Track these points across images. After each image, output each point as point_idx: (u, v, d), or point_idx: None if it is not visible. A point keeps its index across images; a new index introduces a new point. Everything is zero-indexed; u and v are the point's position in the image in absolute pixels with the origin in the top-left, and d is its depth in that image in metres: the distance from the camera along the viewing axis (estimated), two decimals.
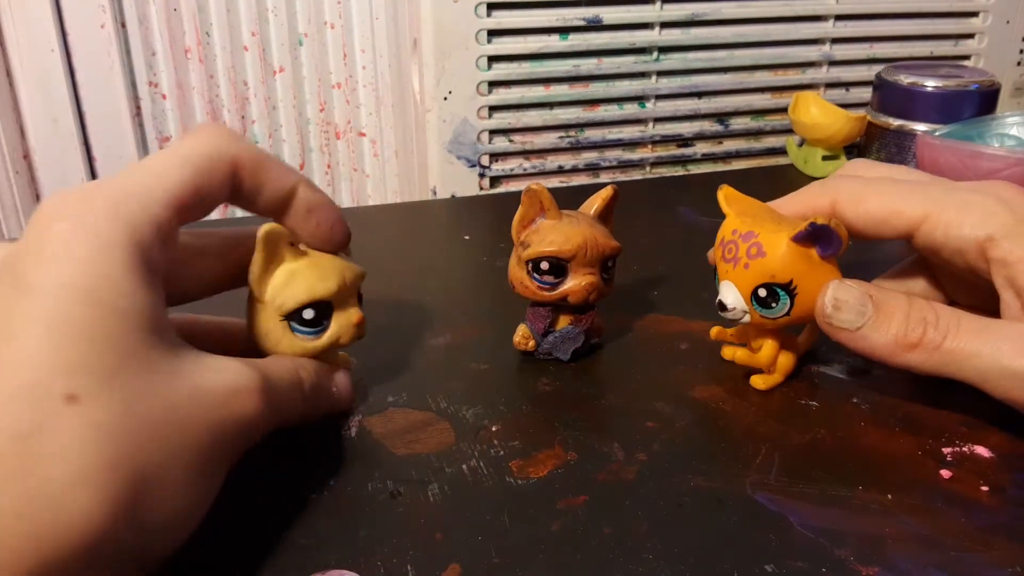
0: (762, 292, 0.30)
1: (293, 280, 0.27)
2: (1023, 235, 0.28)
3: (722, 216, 0.32)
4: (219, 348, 0.25)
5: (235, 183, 0.26)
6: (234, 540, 0.25)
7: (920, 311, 0.28)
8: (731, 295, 0.30)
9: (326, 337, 0.28)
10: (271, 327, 0.28)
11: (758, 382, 0.33)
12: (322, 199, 0.28)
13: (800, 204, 0.33)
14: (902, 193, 0.31)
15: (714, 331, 0.34)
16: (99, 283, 0.21)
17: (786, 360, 0.33)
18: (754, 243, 0.30)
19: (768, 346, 0.32)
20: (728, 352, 0.34)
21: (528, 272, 0.33)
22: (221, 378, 0.23)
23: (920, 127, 0.55)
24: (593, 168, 0.65)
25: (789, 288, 0.29)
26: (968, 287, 0.32)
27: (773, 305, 0.30)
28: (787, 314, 0.30)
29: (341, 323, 0.29)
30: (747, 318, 0.31)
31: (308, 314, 0.28)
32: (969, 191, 0.30)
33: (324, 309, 0.28)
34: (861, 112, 0.59)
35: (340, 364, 0.31)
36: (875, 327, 0.28)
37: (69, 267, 0.21)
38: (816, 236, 0.28)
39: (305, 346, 0.28)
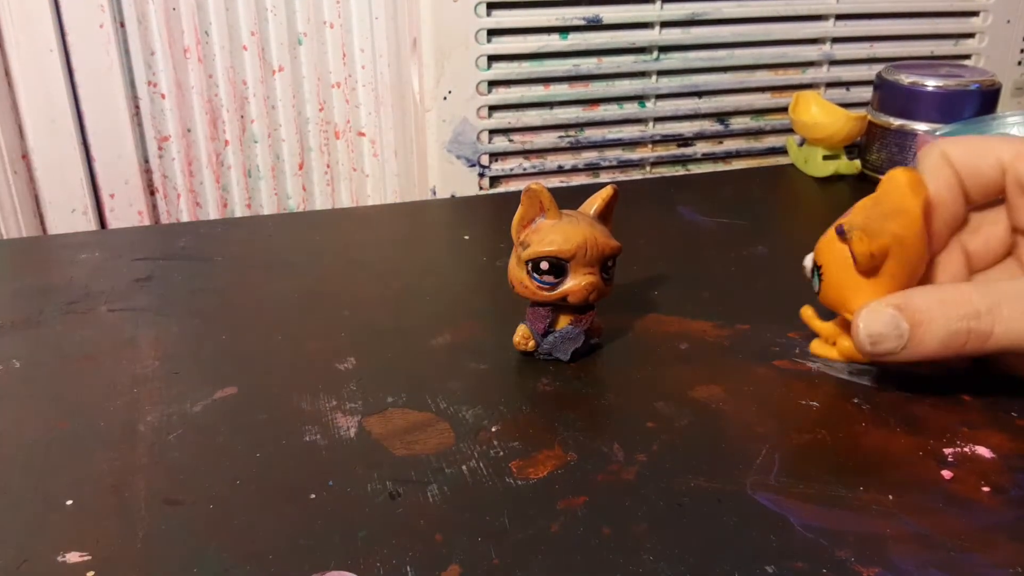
0: (808, 263, 0.33)
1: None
2: None
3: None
4: None
5: None
6: (234, 540, 0.25)
7: (956, 308, 0.28)
8: (809, 257, 0.33)
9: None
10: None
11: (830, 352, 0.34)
12: None
13: (974, 150, 0.31)
14: None
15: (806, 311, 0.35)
16: None
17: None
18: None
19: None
20: (825, 349, 0.35)
21: (528, 272, 0.33)
22: None
23: (921, 127, 0.55)
24: (593, 168, 0.65)
25: (819, 270, 0.31)
26: None
27: (816, 279, 0.32)
28: (818, 292, 0.32)
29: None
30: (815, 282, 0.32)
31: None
32: None
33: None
34: (862, 112, 0.59)
35: None
36: (919, 342, 0.28)
37: None
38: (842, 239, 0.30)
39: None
